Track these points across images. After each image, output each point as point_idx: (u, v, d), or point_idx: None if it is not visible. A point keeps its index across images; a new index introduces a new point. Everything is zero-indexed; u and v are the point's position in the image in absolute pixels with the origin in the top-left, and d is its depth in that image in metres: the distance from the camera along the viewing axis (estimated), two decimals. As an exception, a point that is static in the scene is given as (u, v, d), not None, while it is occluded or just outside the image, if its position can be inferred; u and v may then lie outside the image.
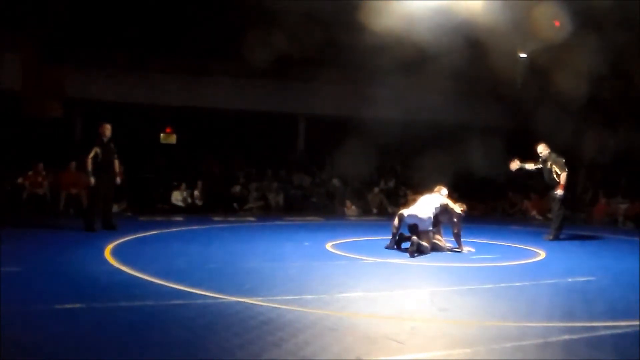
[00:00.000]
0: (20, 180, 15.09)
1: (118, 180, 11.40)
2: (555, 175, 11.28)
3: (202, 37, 19.47)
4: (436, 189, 10.08)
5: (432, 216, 9.38)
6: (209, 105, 20.85)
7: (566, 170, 11.23)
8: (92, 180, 10.85)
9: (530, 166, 11.79)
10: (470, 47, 16.96)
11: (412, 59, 17.12)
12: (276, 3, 15.86)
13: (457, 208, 9.80)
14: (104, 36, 18.60)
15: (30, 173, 15.06)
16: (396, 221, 9.60)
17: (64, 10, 17.75)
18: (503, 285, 6.92)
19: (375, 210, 18.12)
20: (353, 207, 18.00)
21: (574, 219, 16.28)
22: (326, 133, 21.27)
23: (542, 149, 11.56)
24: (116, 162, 11.32)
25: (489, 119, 21.71)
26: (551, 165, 11.35)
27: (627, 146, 17.89)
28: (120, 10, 18.11)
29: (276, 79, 21.15)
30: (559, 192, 11.17)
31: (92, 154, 10.88)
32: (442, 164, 18.71)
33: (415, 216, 9.34)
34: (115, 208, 15.28)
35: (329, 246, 9.90)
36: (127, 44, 19.38)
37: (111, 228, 11.00)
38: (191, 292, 5.93)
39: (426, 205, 9.56)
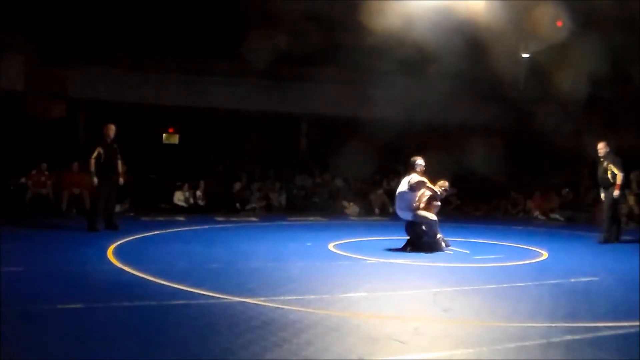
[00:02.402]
0: (23, 180, 15.11)
1: (121, 180, 11.43)
2: (609, 175, 10.99)
3: (205, 37, 19.48)
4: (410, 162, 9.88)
5: (408, 198, 9.50)
6: (211, 106, 20.85)
7: (622, 171, 10.99)
8: (95, 180, 10.90)
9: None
10: (472, 47, 16.95)
11: (414, 59, 17.13)
12: (279, 3, 15.87)
13: (436, 188, 9.67)
14: (106, 37, 18.60)
15: (33, 173, 15.08)
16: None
17: (67, 11, 17.77)
18: (506, 285, 6.91)
19: (377, 211, 18.11)
20: (352, 204, 18.00)
21: (576, 219, 16.29)
22: (328, 133, 21.27)
23: (603, 147, 11.23)
24: (119, 163, 11.35)
25: (490, 119, 21.68)
26: (608, 164, 11.04)
27: (629, 147, 17.85)
28: (123, 10, 18.12)
29: (279, 79, 21.15)
30: (617, 192, 10.90)
31: (95, 155, 10.91)
32: (443, 164, 18.71)
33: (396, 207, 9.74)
34: (117, 208, 15.34)
35: (331, 246, 9.89)
36: (129, 45, 19.39)
37: (113, 228, 11.02)
38: (193, 292, 5.94)
39: (400, 189, 9.68)
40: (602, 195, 11.43)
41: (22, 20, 16.93)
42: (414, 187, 9.49)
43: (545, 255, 9.56)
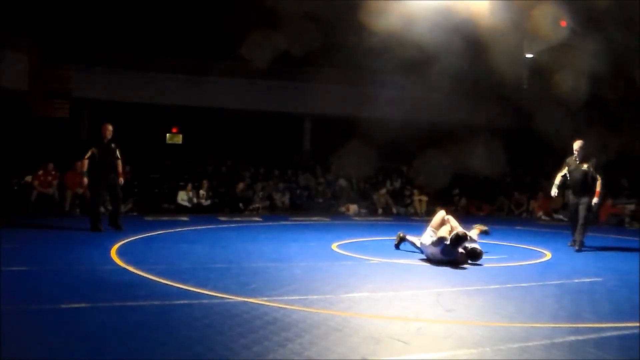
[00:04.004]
0: (29, 179, 15.12)
1: (121, 180, 11.26)
2: (590, 180, 10.08)
3: (209, 37, 19.53)
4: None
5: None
6: (215, 105, 20.91)
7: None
8: (86, 180, 10.97)
9: (558, 180, 10.50)
10: (474, 47, 16.96)
11: (417, 59, 17.13)
12: (282, 4, 15.90)
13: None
14: (110, 36, 18.66)
15: (40, 172, 15.09)
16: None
17: (70, 11, 17.82)
18: (509, 285, 6.90)
19: (380, 211, 18.11)
20: (349, 206, 18.02)
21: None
22: (332, 133, 21.30)
23: (581, 146, 10.26)
24: (119, 163, 11.22)
25: (493, 119, 21.67)
26: (589, 167, 10.11)
27: (631, 147, 17.85)
28: (127, 10, 18.16)
29: (282, 79, 21.22)
30: (596, 200, 10.07)
31: (88, 155, 10.91)
32: (446, 164, 18.72)
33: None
34: (121, 208, 15.35)
35: (334, 246, 9.90)
36: (133, 44, 19.44)
37: (117, 229, 10.98)
38: (196, 292, 5.94)
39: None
40: (571, 198, 10.44)
41: (25, 20, 16.98)
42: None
43: (548, 255, 9.55)
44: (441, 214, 8.91)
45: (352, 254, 9.12)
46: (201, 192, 16.89)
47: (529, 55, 21.40)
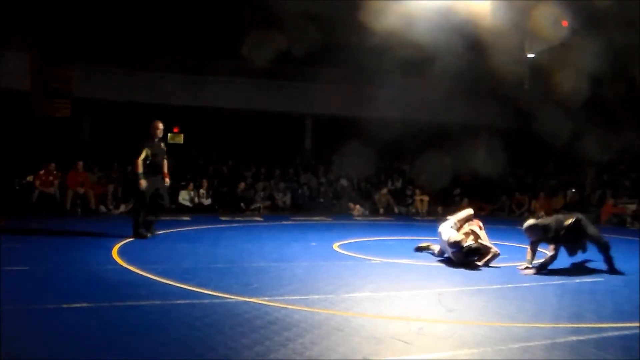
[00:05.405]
0: (30, 178, 15.13)
1: (167, 181, 10.60)
2: (578, 230, 8.02)
3: (209, 37, 19.54)
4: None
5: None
6: (216, 105, 20.92)
7: None
8: (143, 183, 10.00)
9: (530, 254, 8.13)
10: (475, 47, 16.96)
11: (417, 58, 17.14)
12: (283, 4, 15.90)
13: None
14: (112, 36, 18.67)
15: (42, 172, 15.10)
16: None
17: (72, 11, 17.83)
18: (511, 285, 6.90)
19: (382, 211, 18.11)
20: (357, 206, 18.02)
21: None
22: (333, 133, 21.31)
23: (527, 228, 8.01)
24: (165, 163, 10.56)
25: (494, 119, 21.67)
26: (567, 219, 8.03)
27: (633, 147, 17.84)
28: (128, 10, 18.17)
29: (283, 79, 21.24)
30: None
31: (142, 156, 10.06)
32: (447, 163, 18.71)
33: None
34: (122, 208, 15.37)
35: (336, 246, 9.90)
36: (134, 44, 19.45)
37: (143, 235, 10.05)
38: (198, 292, 5.94)
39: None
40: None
41: (26, 20, 17.00)
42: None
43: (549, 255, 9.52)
44: (468, 211, 8.93)
45: (353, 253, 9.12)
46: (201, 191, 16.91)
47: (529, 55, 21.40)
